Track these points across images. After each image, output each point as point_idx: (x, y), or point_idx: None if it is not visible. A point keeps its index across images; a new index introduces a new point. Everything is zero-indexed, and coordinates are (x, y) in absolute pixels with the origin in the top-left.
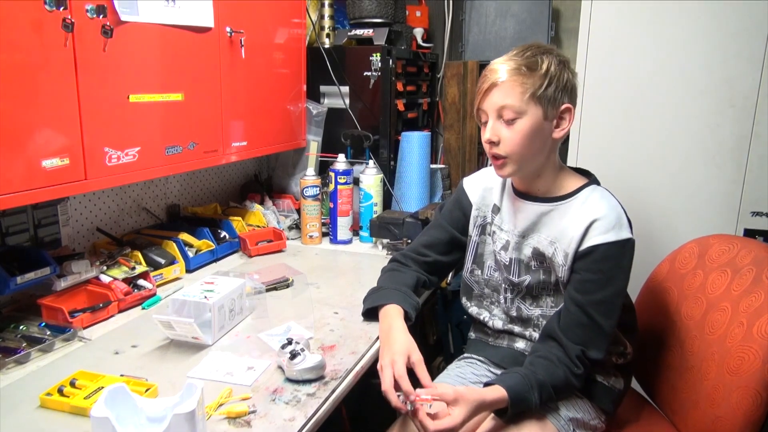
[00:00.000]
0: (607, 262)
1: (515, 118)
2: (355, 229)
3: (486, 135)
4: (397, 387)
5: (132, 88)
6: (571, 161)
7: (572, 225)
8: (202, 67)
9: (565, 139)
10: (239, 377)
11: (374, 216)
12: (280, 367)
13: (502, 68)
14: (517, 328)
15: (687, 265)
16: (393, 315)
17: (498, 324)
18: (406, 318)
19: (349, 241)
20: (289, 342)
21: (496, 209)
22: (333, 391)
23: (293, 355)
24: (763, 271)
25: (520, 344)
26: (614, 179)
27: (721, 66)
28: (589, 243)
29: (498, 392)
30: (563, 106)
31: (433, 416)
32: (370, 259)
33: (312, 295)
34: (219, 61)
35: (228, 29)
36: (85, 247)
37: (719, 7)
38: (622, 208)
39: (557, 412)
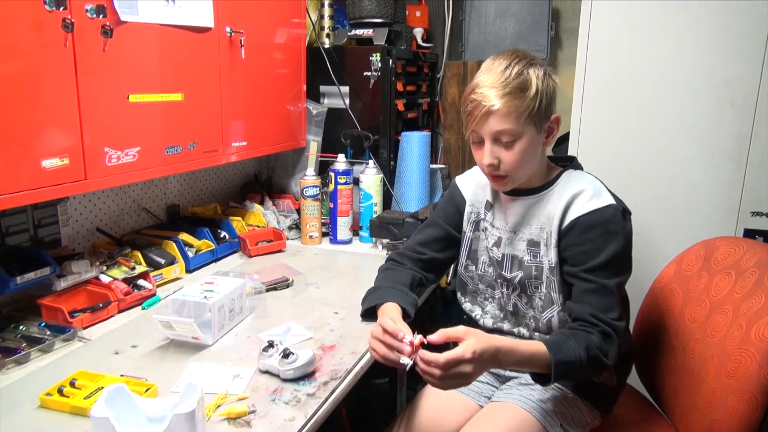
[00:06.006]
0: (592, 230)
1: (513, 141)
2: (355, 229)
3: (486, 159)
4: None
5: (132, 88)
6: None
7: (555, 206)
8: (202, 67)
9: (565, 139)
10: (228, 389)
11: (374, 216)
12: (266, 372)
13: (493, 93)
14: (506, 326)
15: (693, 267)
16: (391, 312)
17: (488, 323)
18: (405, 315)
19: (349, 241)
20: (271, 345)
21: (489, 206)
22: (333, 392)
23: (286, 355)
24: (766, 273)
25: None
26: (614, 179)
27: (721, 66)
28: (569, 219)
29: (533, 344)
30: (552, 117)
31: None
32: (370, 259)
33: (312, 295)
34: (219, 61)
35: (228, 29)
36: (85, 247)
37: (719, 7)
38: (602, 183)
39: (542, 408)
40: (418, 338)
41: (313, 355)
